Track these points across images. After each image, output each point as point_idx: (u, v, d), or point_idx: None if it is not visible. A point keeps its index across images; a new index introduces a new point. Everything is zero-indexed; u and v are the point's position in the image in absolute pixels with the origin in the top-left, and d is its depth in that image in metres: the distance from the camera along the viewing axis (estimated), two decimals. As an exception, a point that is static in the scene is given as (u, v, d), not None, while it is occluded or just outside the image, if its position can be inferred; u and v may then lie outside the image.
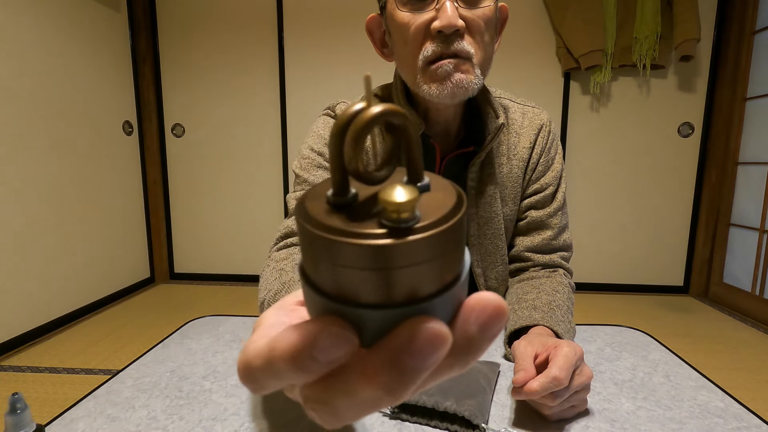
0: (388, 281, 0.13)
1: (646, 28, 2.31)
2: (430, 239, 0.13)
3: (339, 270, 0.13)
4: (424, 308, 0.14)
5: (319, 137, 0.70)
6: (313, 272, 0.15)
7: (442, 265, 0.14)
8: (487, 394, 0.47)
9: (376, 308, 0.14)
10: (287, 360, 0.13)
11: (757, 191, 2.24)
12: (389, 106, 0.15)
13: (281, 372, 0.14)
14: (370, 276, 0.13)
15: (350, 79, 2.55)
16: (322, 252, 0.14)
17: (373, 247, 0.13)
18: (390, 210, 0.13)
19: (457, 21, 0.55)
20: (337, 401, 0.14)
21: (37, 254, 1.93)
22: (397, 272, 0.13)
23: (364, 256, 0.13)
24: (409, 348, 0.13)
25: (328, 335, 0.13)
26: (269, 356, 0.14)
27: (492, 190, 0.70)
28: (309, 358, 0.13)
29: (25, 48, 1.88)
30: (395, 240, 0.13)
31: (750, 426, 0.45)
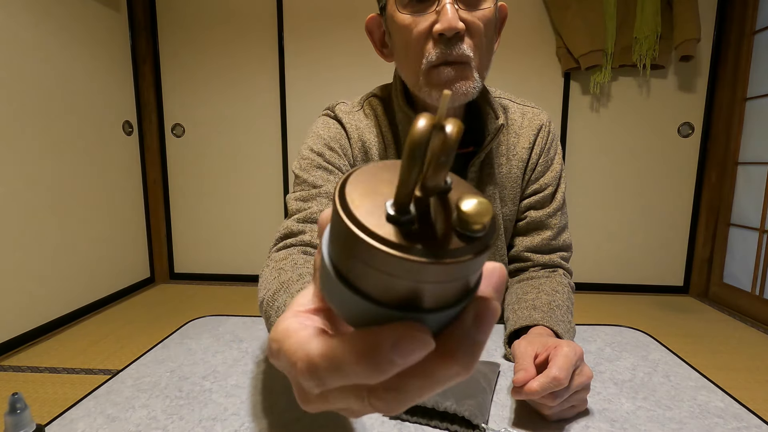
0: (450, 289, 0.15)
1: (646, 28, 2.31)
2: (475, 261, 0.14)
3: (376, 273, 0.14)
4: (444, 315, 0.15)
5: (319, 138, 0.70)
6: (341, 262, 0.15)
7: (467, 281, 0.15)
8: (487, 394, 0.47)
9: (436, 312, 0.15)
10: (363, 362, 0.14)
11: (757, 191, 2.24)
12: (457, 121, 0.14)
13: (351, 373, 0.15)
14: (441, 287, 0.14)
15: (350, 79, 2.56)
16: (366, 256, 0.14)
17: (456, 265, 0.14)
18: (471, 222, 0.14)
19: (457, 23, 0.55)
20: (388, 402, 0.16)
21: (37, 254, 1.93)
22: (459, 282, 0.15)
23: (413, 270, 0.14)
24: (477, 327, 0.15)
25: (410, 339, 0.14)
26: (340, 358, 0.15)
27: (491, 190, 0.70)
28: (388, 362, 0.14)
29: (25, 48, 1.88)
30: (476, 255, 0.14)
31: (750, 426, 0.45)
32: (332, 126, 0.70)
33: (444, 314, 0.15)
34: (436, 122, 0.14)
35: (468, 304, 0.16)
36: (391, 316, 0.15)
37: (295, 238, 0.61)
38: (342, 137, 0.69)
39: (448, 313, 0.15)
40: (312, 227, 0.62)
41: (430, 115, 0.14)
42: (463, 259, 0.14)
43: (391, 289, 0.14)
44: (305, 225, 0.62)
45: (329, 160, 0.67)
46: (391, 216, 0.15)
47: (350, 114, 0.71)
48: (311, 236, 0.61)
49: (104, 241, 2.36)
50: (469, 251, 0.14)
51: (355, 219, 0.14)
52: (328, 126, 0.71)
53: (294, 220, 0.63)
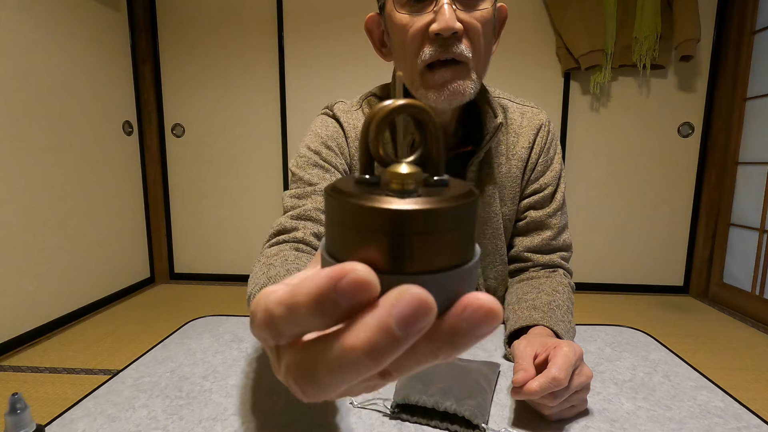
0: (386, 247, 0.14)
1: (646, 28, 2.31)
2: (429, 212, 0.14)
3: (344, 232, 0.15)
4: (418, 281, 0.14)
5: (317, 136, 0.70)
6: (329, 238, 0.16)
7: (439, 245, 0.15)
8: (487, 394, 0.47)
9: (379, 273, 0.14)
10: (309, 304, 0.14)
11: (757, 191, 2.24)
12: (413, 101, 0.16)
13: (302, 317, 0.14)
14: (368, 238, 0.15)
15: (350, 79, 2.56)
16: (336, 215, 0.15)
17: (372, 209, 0.14)
18: (393, 181, 0.15)
19: (455, 24, 0.55)
20: (319, 365, 0.15)
21: (37, 254, 1.93)
22: (390, 238, 0.14)
23: (365, 216, 0.14)
24: (392, 310, 0.13)
25: (352, 279, 0.13)
26: (291, 302, 0.14)
27: (491, 190, 0.70)
28: (332, 303, 0.14)
29: (25, 48, 1.88)
30: (392, 205, 0.14)
31: (750, 426, 0.45)
32: (330, 125, 0.71)
33: (382, 279, 0.14)
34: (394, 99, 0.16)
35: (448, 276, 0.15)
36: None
37: (288, 234, 0.61)
38: (339, 136, 0.70)
39: (384, 280, 0.14)
40: (305, 224, 0.62)
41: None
42: (373, 204, 0.14)
43: (335, 237, 0.15)
44: (298, 222, 0.62)
45: (326, 159, 0.67)
46: (357, 177, 0.17)
47: (348, 113, 0.71)
48: (304, 233, 0.61)
49: (104, 241, 2.36)
50: (385, 201, 0.14)
51: (332, 186, 0.16)
52: (326, 125, 0.71)
53: (288, 216, 0.63)
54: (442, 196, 0.15)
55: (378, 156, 0.17)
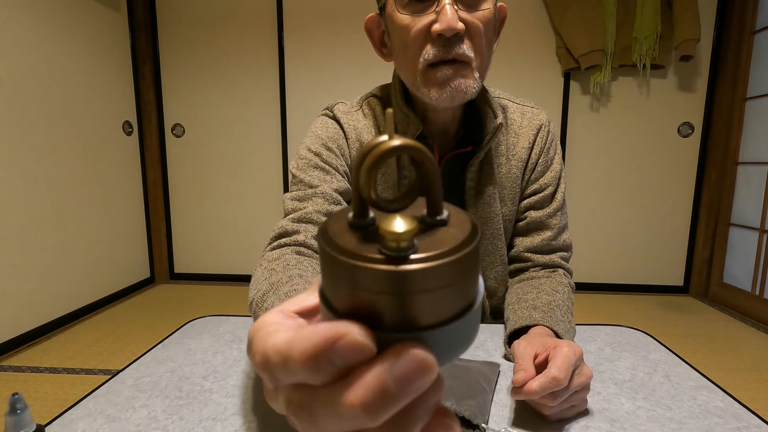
0: (383, 306, 0.14)
1: (646, 28, 2.31)
2: (427, 271, 0.14)
3: (340, 287, 0.15)
4: (419, 337, 0.14)
5: (317, 137, 0.70)
6: (324, 282, 0.16)
7: (440, 299, 0.14)
8: (487, 394, 0.47)
9: (376, 330, 0.14)
10: (306, 362, 0.14)
11: (757, 191, 2.24)
12: (408, 141, 0.15)
13: (297, 371, 0.14)
14: (365, 297, 0.14)
15: (350, 79, 2.56)
16: (329, 266, 0.15)
17: (366, 270, 0.14)
18: (388, 239, 0.14)
19: (457, 24, 0.55)
20: (317, 410, 0.14)
21: (37, 254, 1.93)
22: (388, 298, 0.14)
23: (359, 275, 0.14)
24: (391, 369, 0.13)
25: (348, 342, 0.13)
26: (287, 354, 0.14)
27: (491, 190, 0.70)
28: (328, 362, 0.14)
29: (25, 48, 1.88)
30: (385, 267, 0.13)
31: (750, 426, 0.45)
32: (330, 126, 0.70)
33: (379, 337, 0.14)
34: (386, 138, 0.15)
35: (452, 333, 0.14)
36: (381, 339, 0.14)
37: (290, 237, 0.61)
38: (340, 137, 0.69)
39: (381, 338, 0.14)
40: (306, 227, 0.62)
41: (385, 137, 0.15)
42: (367, 265, 0.13)
43: (331, 289, 0.15)
44: (300, 225, 0.62)
45: (326, 160, 0.67)
46: (350, 220, 0.16)
47: (348, 114, 0.71)
48: (305, 236, 0.61)
49: (104, 241, 2.36)
50: (380, 262, 0.14)
51: (324, 224, 0.16)
52: (326, 126, 0.71)
53: (289, 219, 0.63)
54: (440, 249, 0.14)
55: (370, 200, 0.16)
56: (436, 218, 0.16)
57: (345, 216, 0.17)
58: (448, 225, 0.16)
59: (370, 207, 0.16)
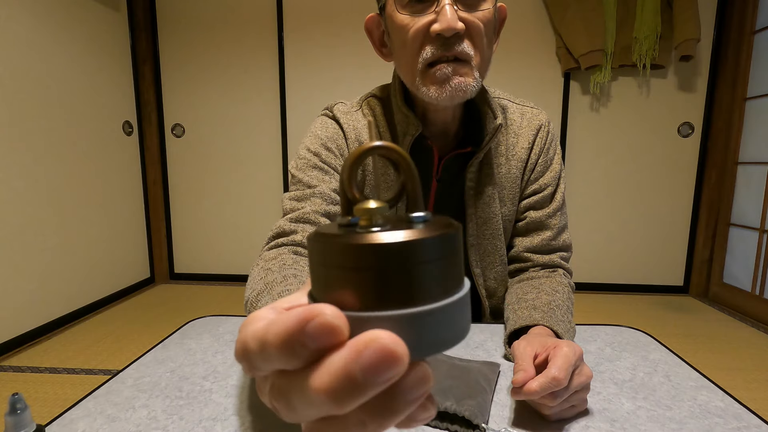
0: (354, 284, 0.14)
1: (646, 28, 2.31)
2: (395, 246, 0.14)
3: (320, 275, 0.15)
4: (394, 318, 0.14)
5: (316, 138, 0.70)
6: (312, 284, 0.16)
7: (413, 281, 0.14)
8: (487, 394, 0.47)
9: (353, 310, 0.14)
10: (279, 345, 0.14)
11: (757, 191, 2.24)
12: (385, 143, 0.16)
13: (272, 356, 0.14)
14: (339, 276, 0.14)
15: (350, 79, 2.56)
16: (311, 257, 0.16)
17: (334, 246, 0.14)
18: (362, 218, 0.15)
19: (456, 24, 0.55)
20: (292, 396, 0.15)
21: (37, 254, 1.93)
22: (359, 275, 0.14)
23: (330, 253, 0.14)
24: (358, 358, 0.13)
25: (319, 323, 0.13)
26: (263, 339, 0.14)
27: (490, 190, 0.70)
28: (300, 345, 0.14)
29: (25, 48, 1.88)
30: (356, 240, 0.14)
31: (750, 426, 0.45)
32: (330, 126, 0.71)
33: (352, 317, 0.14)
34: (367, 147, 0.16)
35: (378, 326, 0.14)
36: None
37: (287, 237, 0.61)
38: (339, 137, 0.70)
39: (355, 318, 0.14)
40: (304, 227, 0.62)
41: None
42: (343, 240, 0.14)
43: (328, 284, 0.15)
44: (297, 225, 0.62)
45: (325, 161, 0.67)
46: (340, 221, 0.17)
47: (348, 114, 0.71)
48: (303, 236, 0.61)
49: (104, 241, 2.36)
50: (352, 237, 0.14)
51: (315, 231, 0.16)
52: (326, 126, 0.71)
53: (287, 219, 0.63)
54: (414, 229, 0.14)
55: (354, 198, 0.17)
56: (416, 215, 0.16)
57: (335, 222, 0.18)
58: (427, 222, 0.16)
59: None
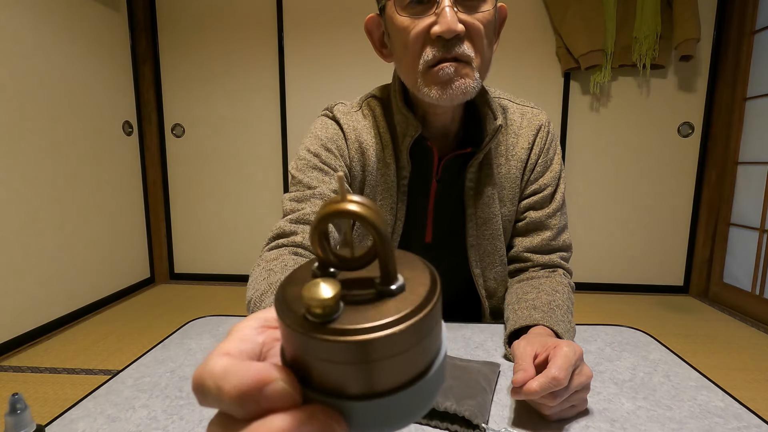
0: (309, 367, 0.14)
1: (646, 27, 2.31)
2: (334, 344, 0.13)
3: (284, 340, 0.15)
4: (340, 405, 0.14)
5: (316, 138, 0.70)
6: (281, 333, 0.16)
7: (359, 373, 0.14)
8: (487, 394, 0.47)
9: (306, 386, 0.15)
10: (233, 396, 0.14)
11: (757, 191, 2.24)
12: (354, 208, 0.15)
13: (224, 402, 0.15)
14: (295, 354, 0.15)
15: (350, 79, 2.55)
16: (279, 317, 0.15)
17: (292, 333, 0.14)
18: (312, 305, 0.14)
19: (456, 26, 0.55)
20: None
21: (37, 254, 1.93)
22: (310, 361, 0.14)
23: (289, 336, 0.15)
24: (299, 427, 0.14)
25: (274, 388, 0.14)
26: (220, 383, 0.15)
27: (490, 191, 0.70)
28: (253, 401, 0.14)
29: (25, 48, 1.88)
30: (305, 333, 0.14)
31: (750, 426, 0.45)
32: (330, 127, 0.71)
33: (305, 393, 0.15)
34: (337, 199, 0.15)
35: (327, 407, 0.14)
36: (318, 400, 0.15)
37: (287, 238, 0.62)
38: (339, 138, 0.70)
39: (306, 395, 0.15)
40: (304, 228, 0.62)
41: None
42: (296, 331, 0.14)
43: (291, 354, 0.15)
44: (297, 226, 0.62)
45: (325, 161, 0.67)
46: (314, 271, 0.16)
47: (348, 114, 0.71)
48: (303, 237, 0.61)
49: (104, 241, 2.36)
50: (303, 328, 0.14)
51: (286, 281, 0.16)
52: (326, 127, 0.71)
53: (287, 220, 0.63)
54: (369, 323, 0.13)
55: (319, 257, 0.16)
56: (386, 288, 0.15)
57: (310, 268, 0.17)
58: (400, 295, 0.15)
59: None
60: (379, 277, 0.16)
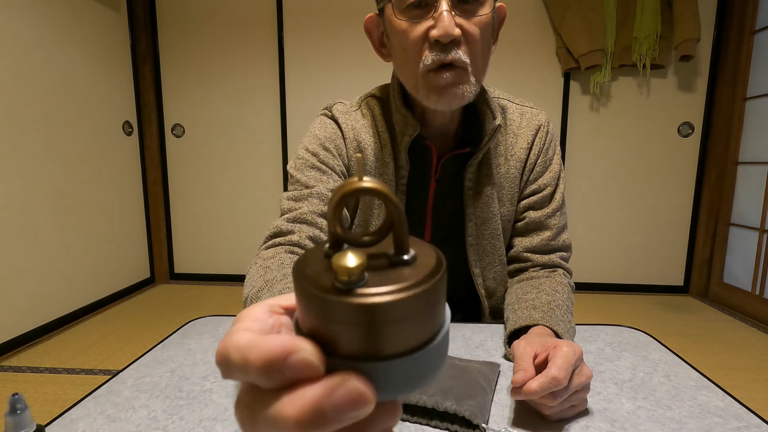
0: (333, 333, 0.15)
1: (646, 27, 2.31)
2: (366, 306, 0.14)
3: (302, 309, 0.16)
4: (365, 368, 0.15)
5: (315, 138, 0.70)
6: (297, 305, 0.17)
7: (388, 334, 0.15)
8: (487, 394, 0.47)
9: (329, 354, 0.15)
10: (259, 366, 0.15)
11: (757, 191, 2.24)
12: (373, 185, 0.16)
13: (250, 372, 0.15)
14: (319, 322, 0.15)
15: (350, 79, 2.56)
16: (296, 289, 0.16)
17: (318, 299, 0.15)
18: (338, 272, 0.15)
19: (453, 30, 0.55)
20: (259, 413, 0.15)
21: (37, 254, 1.93)
22: (337, 327, 0.15)
23: (315, 303, 0.15)
24: (330, 395, 0.14)
25: (299, 357, 0.15)
26: (245, 354, 0.15)
27: (489, 190, 0.70)
28: (278, 371, 0.15)
29: (25, 48, 1.88)
30: (331, 297, 0.15)
31: (750, 426, 0.45)
32: (328, 126, 0.71)
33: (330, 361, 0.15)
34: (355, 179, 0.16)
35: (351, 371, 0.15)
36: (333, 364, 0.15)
37: (284, 237, 0.62)
38: (337, 137, 0.70)
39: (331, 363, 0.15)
40: (301, 227, 0.62)
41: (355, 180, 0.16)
42: (322, 295, 0.15)
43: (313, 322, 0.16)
44: (294, 225, 0.62)
45: (323, 161, 0.68)
46: (326, 251, 0.17)
47: (347, 114, 0.72)
48: (299, 236, 0.61)
49: (104, 242, 2.36)
50: (330, 292, 0.15)
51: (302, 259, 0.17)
52: (325, 126, 0.71)
53: (284, 219, 0.63)
54: (391, 286, 0.15)
55: (336, 234, 0.17)
56: (400, 257, 0.16)
57: (323, 248, 0.18)
58: (412, 265, 0.16)
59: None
60: (393, 250, 0.17)
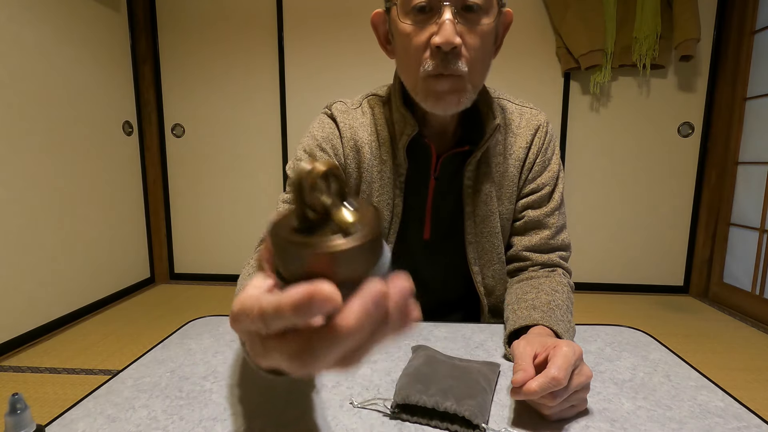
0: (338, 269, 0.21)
1: (646, 27, 2.31)
2: (368, 244, 0.21)
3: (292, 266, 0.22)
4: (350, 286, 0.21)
5: (312, 138, 0.71)
6: (282, 268, 0.23)
7: (361, 263, 0.21)
8: (487, 394, 0.47)
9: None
10: (293, 307, 0.19)
11: (757, 191, 2.24)
12: (328, 167, 0.22)
13: (285, 316, 0.20)
14: (306, 268, 0.21)
15: (350, 79, 2.56)
16: (289, 254, 0.22)
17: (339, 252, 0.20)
18: (346, 225, 0.21)
19: (454, 39, 0.56)
20: (316, 345, 0.20)
21: (37, 254, 1.93)
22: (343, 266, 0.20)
23: (331, 258, 0.20)
24: (363, 299, 0.20)
25: (321, 293, 0.19)
26: (279, 305, 0.20)
27: (488, 188, 0.70)
28: (307, 308, 0.19)
29: (25, 48, 1.88)
30: (354, 244, 0.20)
31: (750, 426, 0.45)
32: (327, 126, 0.72)
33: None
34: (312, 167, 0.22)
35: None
36: None
37: None
38: (334, 137, 0.71)
39: None
40: None
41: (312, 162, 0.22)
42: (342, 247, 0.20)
43: (291, 271, 0.22)
44: None
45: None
46: (296, 226, 0.23)
47: (346, 113, 0.72)
48: None
49: (104, 242, 2.36)
50: (350, 242, 0.20)
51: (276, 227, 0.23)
52: (323, 126, 0.72)
53: None
54: (371, 226, 0.22)
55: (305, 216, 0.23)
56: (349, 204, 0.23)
57: (288, 223, 0.23)
58: (359, 209, 0.23)
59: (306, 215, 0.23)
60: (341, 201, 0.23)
